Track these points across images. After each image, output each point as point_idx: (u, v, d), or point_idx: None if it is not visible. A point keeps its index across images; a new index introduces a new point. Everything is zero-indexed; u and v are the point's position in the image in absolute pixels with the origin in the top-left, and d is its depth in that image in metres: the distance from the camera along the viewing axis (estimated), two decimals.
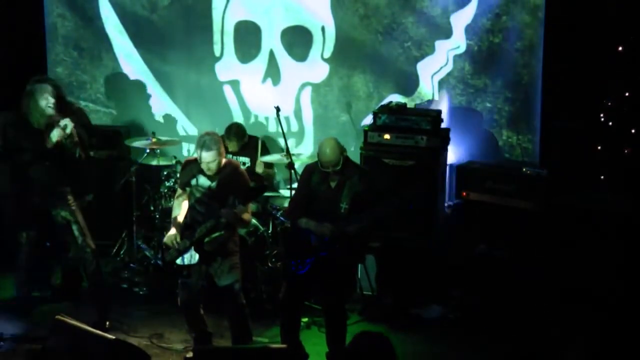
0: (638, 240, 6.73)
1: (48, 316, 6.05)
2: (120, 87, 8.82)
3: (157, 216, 7.83)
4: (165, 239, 6.26)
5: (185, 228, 6.22)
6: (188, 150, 8.63)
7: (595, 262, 6.77)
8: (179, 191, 6.44)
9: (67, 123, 6.53)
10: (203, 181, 6.20)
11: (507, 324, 6.96)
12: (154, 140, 7.82)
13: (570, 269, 6.84)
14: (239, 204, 5.99)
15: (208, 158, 6.07)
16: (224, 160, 6.18)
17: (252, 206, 7.42)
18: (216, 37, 8.47)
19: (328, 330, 6.36)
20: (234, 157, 7.66)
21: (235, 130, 7.83)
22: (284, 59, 8.34)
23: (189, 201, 6.32)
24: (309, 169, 6.36)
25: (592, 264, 6.77)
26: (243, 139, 7.85)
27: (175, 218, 6.32)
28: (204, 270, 6.24)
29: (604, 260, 6.76)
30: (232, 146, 7.77)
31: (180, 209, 6.35)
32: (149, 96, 8.75)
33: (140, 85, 8.77)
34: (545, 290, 6.92)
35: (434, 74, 7.94)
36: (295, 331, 6.41)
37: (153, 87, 8.74)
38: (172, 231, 6.24)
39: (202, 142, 6.09)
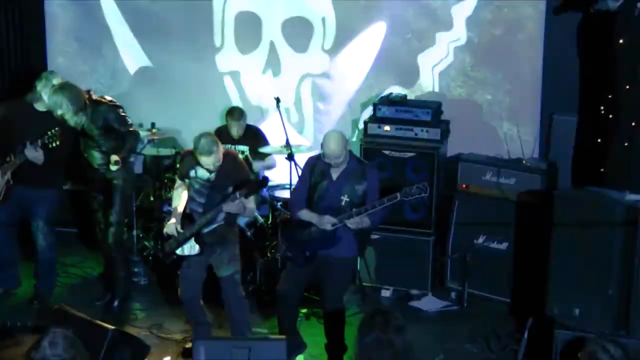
0: (638, 233, 6.71)
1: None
2: (122, 77, 8.83)
3: (157, 207, 7.83)
4: (165, 230, 6.26)
5: (184, 219, 6.22)
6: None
7: (595, 254, 6.76)
8: (178, 182, 6.44)
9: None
10: (202, 173, 6.19)
11: (507, 316, 6.97)
12: (153, 130, 7.82)
13: (569, 262, 6.83)
14: (241, 196, 5.98)
15: (207, 161, 6.06)
16: (221, 156, 6.14)
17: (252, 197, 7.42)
18: (216, 27, 8.47)
19: (326, 322, 6.37)
20: (233, 147, 7.65)
21: (239, 112, 7.83)
22: (285, 50, 8.33)
23: (188, 192, 6.31)
24: (312, 160, 6.36)
25: (591, 257, 6.76)
26: (244, 120, 7.83)
27: (175, 208, 6.31)
28: (203, 261, 6.24)
29: (603, 252, 6.75)
30: (235, 128, 7.74)
31: (180, 200, 6.34)
32: (148, 86, 8.76)
33: (140, 76, 8.78)
34: (543, 283, 6.92)
35: (435, 66, 7.94)
36: (293, 322, 6.41)
37: (153, 78, 8.75)
38: (172, 222, 6.24)
39: (200, 148, 6.02)
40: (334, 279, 6.19)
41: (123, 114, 6.93)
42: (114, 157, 6.72)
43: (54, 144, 6.64)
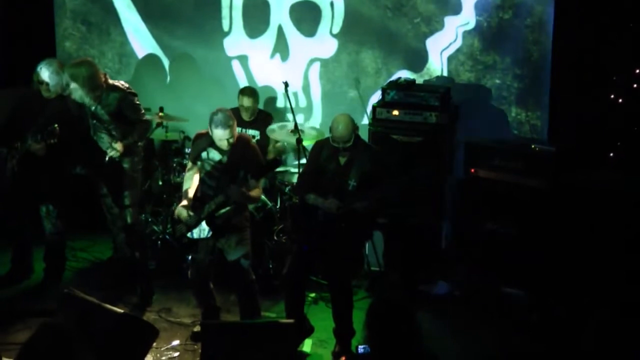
0: None
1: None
2: (130, 62, 8.82)
3: (165, 191, 7.84)
4: (176, 213, 6.27)
5: (196, 202, 6.22)
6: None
7: (603, 240, 6.76)
8: (190, 164, 6.45)
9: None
10: (214, 155, 6.20)
11: (513, 301, 6.97)
12: (161, 114, 7.82)
13: (577, 247, 6.83)
14: (251, 178, 5.98)
15: (222, 135, 6.07)
16: (235, 135, 6.18)
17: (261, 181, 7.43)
18: (225, 11, 8.45)
19: (334, 306, 6.38)
20: (244, 130, 7.66)
21: (250, 89, 7.83)
22: (293, 35, 8.32)
23: (200, 175, 6.32)
24: (319, 144, 6.37)
25: (599, 242, 6.77)
26: (256, 100, 7.83)
27: (186, 191, 6.32)
28: (211, 245, 6.25)
29: (611, 238, 6.75)
30: (246, 106, 7.75)
31: (191, 183, 6.35)
32: (156, 71, 8.75)
33: (148, 60, 8.77)
34: (551, 268, 6.93)
35: (443, 50, 7.91)
36: (300, 306, 6.43)
37: (161, 62, 8.74)
38: (182, 205, 6.25)
39: (216, 120, 6.06)
40: (341, 263, 6.20)
41: (137, 102, 6.92)
42: (116, 145, 6.71)
43: (51, 141, 6.64)
